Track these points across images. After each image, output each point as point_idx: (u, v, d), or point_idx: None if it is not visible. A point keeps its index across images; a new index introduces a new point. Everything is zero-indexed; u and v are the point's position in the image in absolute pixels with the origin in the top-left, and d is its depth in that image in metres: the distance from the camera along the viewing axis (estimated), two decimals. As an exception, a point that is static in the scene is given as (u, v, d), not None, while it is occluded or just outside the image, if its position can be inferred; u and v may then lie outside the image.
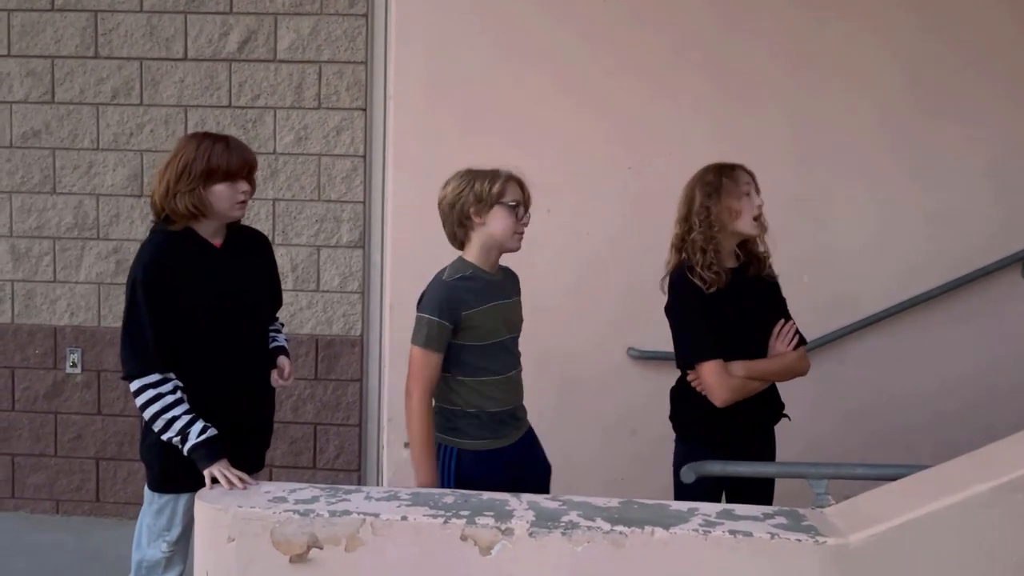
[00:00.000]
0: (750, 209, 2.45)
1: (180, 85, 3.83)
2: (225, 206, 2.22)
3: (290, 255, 3.85)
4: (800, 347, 2.44)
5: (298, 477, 3.90)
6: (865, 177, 3.61)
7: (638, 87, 3.68)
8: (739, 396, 2.38)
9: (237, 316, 2.26)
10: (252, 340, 2.33)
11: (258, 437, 2.42)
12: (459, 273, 2.32)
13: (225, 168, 2.18)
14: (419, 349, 2.26)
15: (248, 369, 2.31)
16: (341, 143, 3.81)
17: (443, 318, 2.24)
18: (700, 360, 2.39)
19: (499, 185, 2.30)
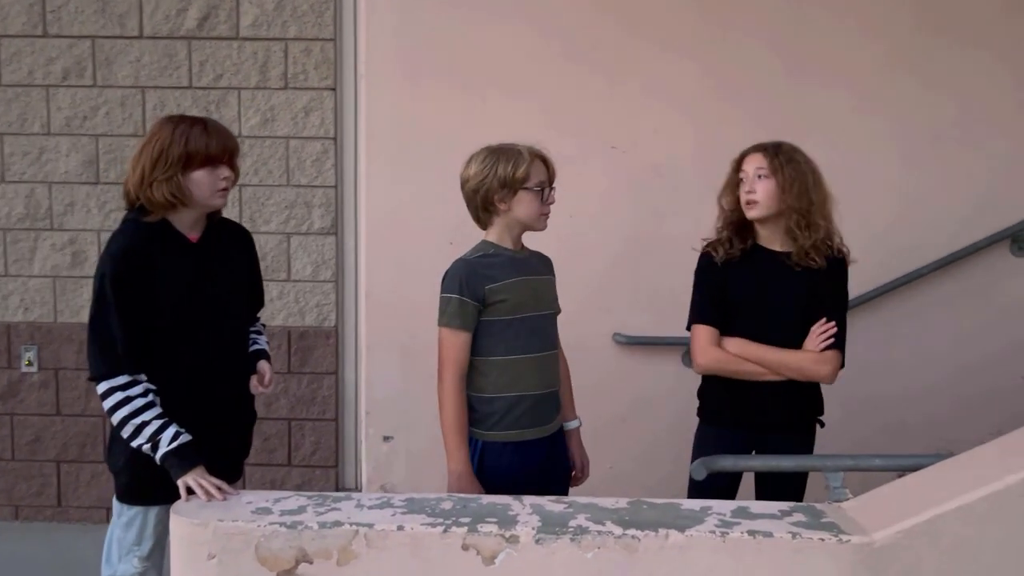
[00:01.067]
0: (742, 194, 2.42)
1: (136, 65, 3.61)
2: (205, 194, 2.05)
3: (259, 243, 3.59)
4: (828, 351, 2.33)
5: (272, 475, 3.75)
6: (865, 152, 3.53)
7: (624, 62, 3.55)
8: (722, 370, 2.39)
9: (214, 316, 2.09)
10: (230, 342, 2.17)
11: (236, 444, 2.26)
12: (480, 252, 2.27)
13: (204, 153, 2.02)
14: (445, 329, 2.20)
15: (226, 372, 2.14)
16: (310, 125, 3.62)
17: (464, 295, 2.18)
18: (693, 322, 2.44)
19: (524, 169, 2.21)
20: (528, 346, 2.25)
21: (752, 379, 2.36)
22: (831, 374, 2.32)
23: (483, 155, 2.23)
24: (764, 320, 2.36)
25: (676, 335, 3.52)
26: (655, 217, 3.57)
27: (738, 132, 3.45)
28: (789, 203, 2.32)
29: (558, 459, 2.37)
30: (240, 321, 2.23)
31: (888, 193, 3.54)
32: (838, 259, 2.40)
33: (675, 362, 3.63)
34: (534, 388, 2.26)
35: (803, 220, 2.32)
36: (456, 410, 2.17)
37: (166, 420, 1.96)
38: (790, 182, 2.32)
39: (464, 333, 2.19)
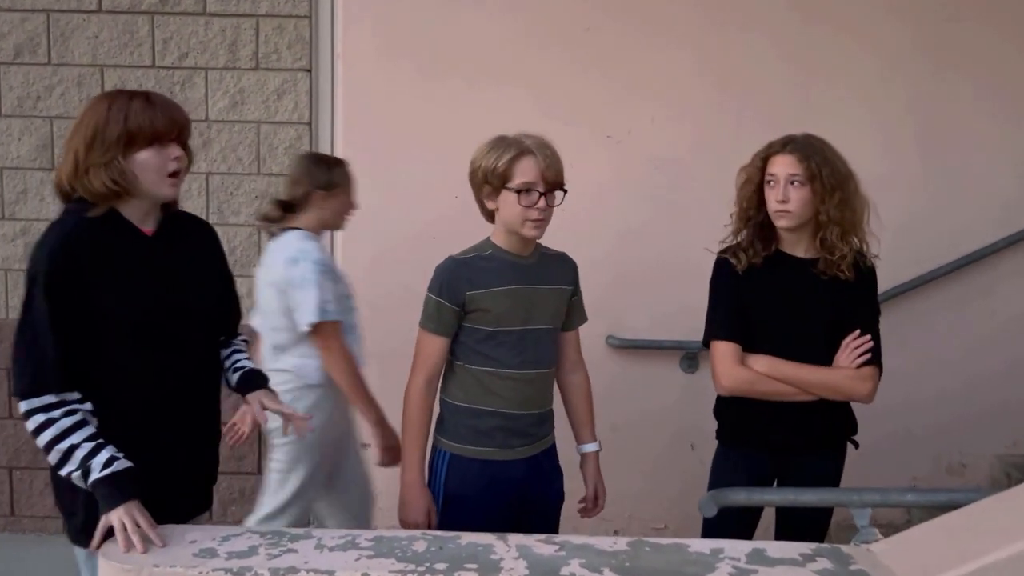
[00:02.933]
0: (771, 200, 2.16)
1: (94, 41, 3.33)
2: (153, 178, 1.75)
3: (227, 236, 3.40)
4: (866, 368, 2.10)
5: (241, 484, 3.50)
6: (869, 146, 3.30)
7: (618, 48, 3.31)
8: (749, 391, 2.15)
9: (175, 321, 1.80)
10: (196, 352, 1.87)
11: (203, 471, 1.97)
12: (476, 252, 2.07)
13: (149, 129, 1.72)
14: (420, 330, 2.08)
15: (190, 388, 1.85)
16: (283, 108, 3.36)
17: (443, 297, 2.03)
18: (712, 338, 2.20)
19: (505, 164, 1.96)
20: (509, 361, 2.04)
21: (781, 400, 2.13)
22: (871, 393, 2.10)
23: (488, 144, 2.04)
24: (790, 335, 2.14)
25: (675, 339, 3.34)
26: (652, 211, 3.34)
27: (741, 121, 3.27)
28: (830, 214, 2.08)
29: (543, 487, 2.16)
30: (209, 331, 1.94)
31: (897, 192, 3.32)
32: (868, 267, 2.17)
33: (674, 368, 3.41)
34: (508, 407, 2.05)
35: (840, 231, 2.09)
36: (418, 416, 2.04)
37: (100, 442, 1.69)
38: (830, 191, 2.07)
39: (439, 338, 2.04)
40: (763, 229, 2.19)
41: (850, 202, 2.09)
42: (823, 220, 2.10)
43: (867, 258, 2.17)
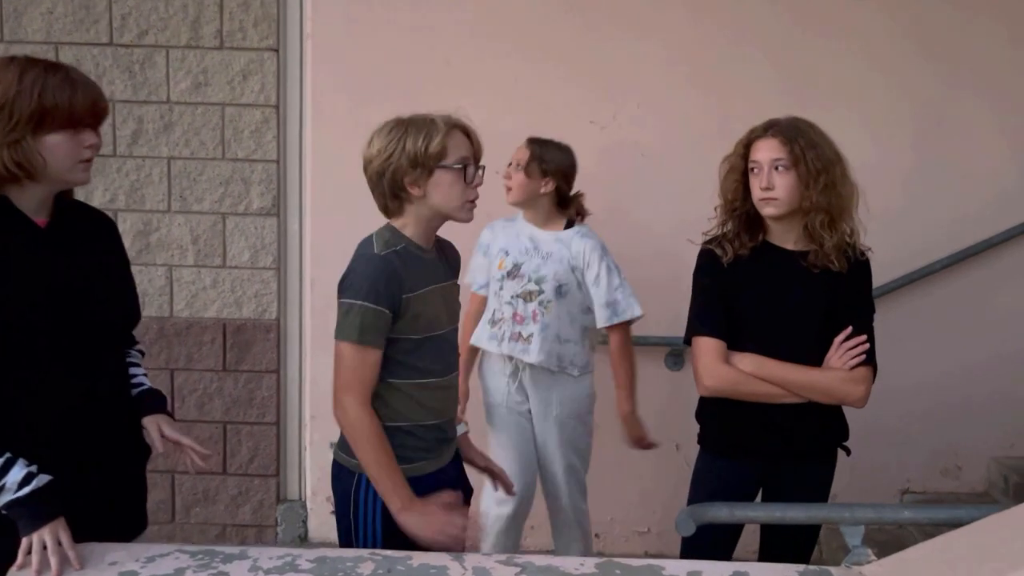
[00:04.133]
0: (755, 188, 2.01)
1: (48, 17, 3.15)
2: (64, 165, 1.57)
3: (190, 224, 3.24)
4: (859, 369, 1.94)
5: (204, 485, 3.34)
6: (866, 135, 3.14)
7: (602, 27, 3.15)
8: (734, 392, 2.00)
9: (75, 323, 1.61)
10: (101, 358, 1.68)
11: (124, 493, 1.76)
12: (391, 247, 1.79)
13: (67, 110, 1.53)
14: (351, 345, 1.73)
15: (99, 395, 1.66)
16: (249, 90, 3.19)
17: (380, 303, 1.72)
18: (694, 334, 2.05)
19: (438, 141, 1.75)
20: (436, 369, 1.84)
21: (768, 402, 1.98)
22: (864, 396, 1.94)
23: (388, 128, 1.78)
24: (777, 332, 1.98)
25: (658, 334, 3.19)
26: (635, 200, 3.19)
27: (728, 108, 3.11)
28: (813, 200, 1.92)
29: (461, 478, 1.98)
30: (109, 332, 1.72)
31: (888, 184, 3.17)
32: (861, 261, 2.01)
33: (659, 365, 3.26)
34: (439, 416, 1.86)
35: (827, 218, 1.93)
36: (379, 438, 1.74)
37: (8, 457, 1.50)
38: (815, 175, 1.92)
39: (376, 351, 1.74)
40: (750, 220, 2.03)
41: (836, 187, 1.93)
42: (806, 206, 1.95)
43: (859, 249, 2.01)
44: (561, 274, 2.62)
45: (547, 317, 2.61)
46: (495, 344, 2.66)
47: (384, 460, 1.73)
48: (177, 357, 3.28)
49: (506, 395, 2.70)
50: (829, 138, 1.98)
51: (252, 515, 3.36)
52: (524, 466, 2.70)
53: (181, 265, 3.25)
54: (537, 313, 2.61)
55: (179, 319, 3.27)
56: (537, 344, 2.61)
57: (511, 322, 2.64)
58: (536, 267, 2.62)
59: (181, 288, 3.26)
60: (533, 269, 2.63)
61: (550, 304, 2.62)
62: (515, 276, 2.64)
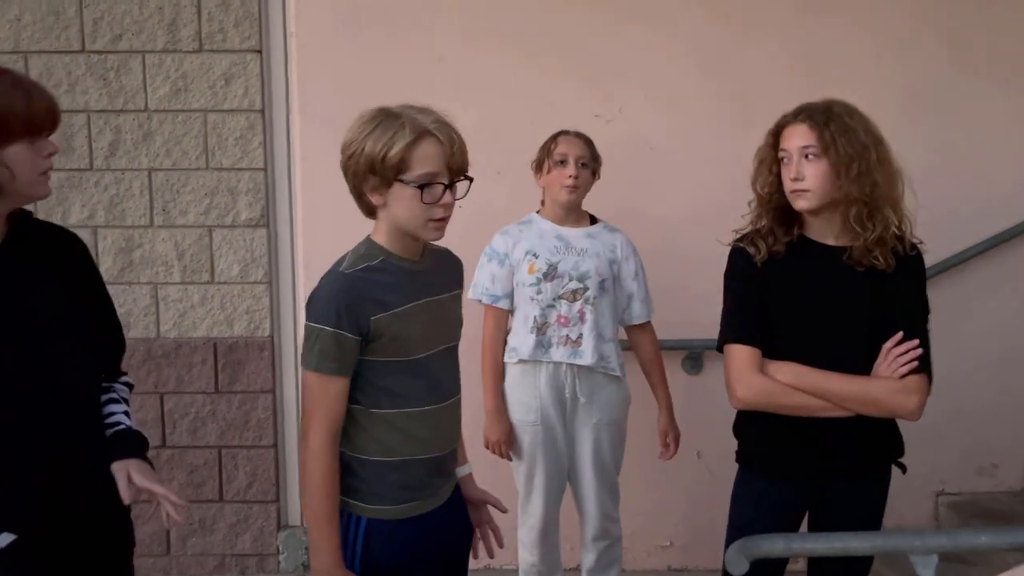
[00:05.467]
0: (786, 179, 1.83)
1: (16, 25, 2.96)
2: (29, 178, 1.43)
3: (174, 239, 3.05)
4: (912, 378, 1.76)
5: (201, 513, 3.16)
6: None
7: (604, 15, 2.98)
8: (769, 405, 1.82)
9: (33, 359, 1.44)
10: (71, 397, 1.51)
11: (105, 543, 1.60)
12: (364, 262, 1.60)
13: (25, 116, 1.39)
14: (312, 374, 1.57)
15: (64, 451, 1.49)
16: (232, 95, 3.00)
17: (342, 327, 1.55)
18: (726, 342, 1.88)
19: (398, 151, 1.52)
20: (423, 395, 1.64)
21: (809, 415, 1.80)
22: (918, 408, 1.76)
23: (362, 120, 1.57)
24: (818, 337, 1.81)
25: (677, 337, 3.02)
26: (645, 196, 3.02)
27: (744, 98, 2.95)
28: (846, 190, 1.75)
29: (457, 522, 1.79)
30: (78, 364, 1.55)
31: (911, 168, 3.01)
32: (911, 256, 1.83)
33: (675, 369, 3.09)
34: (432, 449, 1.67)
35: (865, 210, 1.76)
36: (329, 481, 1.57)
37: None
38: (846, 162, 1.74)
39: (340, 380, 1.56)
40: (785, 214, 1.86)
41: (872, 175, 1.75)
42: (837, 198, 1.78)
43: (909, 243, 1.82)
44: (602, 269, 2.52)
45: (594, 315, 2.50)
46: (542, 353, 2.50)
47: (325, 511, 1.58)
48: (166, 380, 3.10)
49: (539, 410, 2.53)
50: (869, 122, 1.80)
51: (252, 544, 3.18)
52: (557, 481, 2.59)
53: (167, 283, 3.07)
54: (585, 312, 2.50)
55: (167, 340, 3.09)
56: (590, 345, 2.49)
57: (557, 326, 2.49)
58: (574, 264, 2.50)
59: (168, 307, 3.08)
60: (572, 267, 2.50)
61: (596, 301, 2.51)
62: (553, 277, 2.49)
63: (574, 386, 2.53)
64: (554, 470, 2.58)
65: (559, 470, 2.59)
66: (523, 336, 2.53)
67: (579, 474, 2.61)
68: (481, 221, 2.76)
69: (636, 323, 2.63)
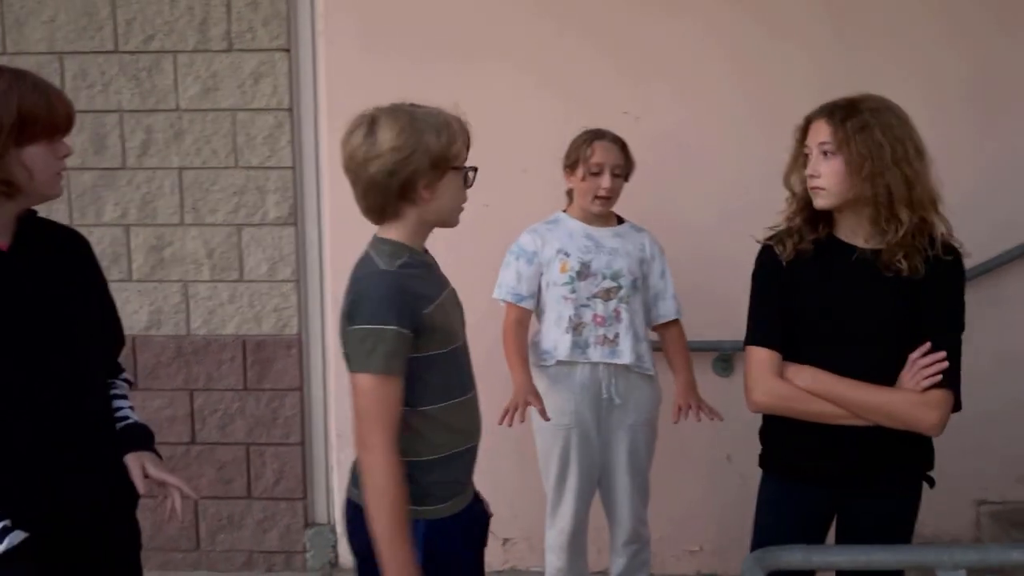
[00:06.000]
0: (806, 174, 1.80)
1: (51, 26, 3.01)
2: (44, 178, 1.45)
3: (203, 237, 3.08)
4: (934, 392, 1.68)
5: (229, 510, 3.19)
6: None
7: (635, 10, 2.93)
8: (784, 409, 1.78)
9: (41, 356, 1.45)
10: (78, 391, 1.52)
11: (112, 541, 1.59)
12: (399, 258, 1.60)
13: (47, 118, 1.42)
14: (374, 377, 1.52)
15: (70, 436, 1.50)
16: (260, 93, 3.02)
17: (403, 324, 1.53)
18: (746, 343, 1.85)
19: (460, 143, 1.61)
20: (461, 385, 1.67)
21: (826, 422, 1.75)
22: (938, 423, 1.68)
23: (399, 121, 1.56)
24: (842, 342, 1.75)
25: (707, 338, 2.96)
26: (674, 194, 2.97)
27: (776, 95, 2.88)
28: (859, 190, 1.70)
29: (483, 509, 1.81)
30: (86, 362, 1.56)
31: (956, 169, 2.90)
32: (945, 260, 1.73)
33: (706, 370, 3.03)
34: (473, 438, 1.70)
35: (884, 212, 1.70)
36: (401, 492, 1.53)
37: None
38: (859, 161, 1.68)
39: (399, 380, 1.54)
40: (816, 212, 1.80)
41: (883, 176, 1.68)
42: (851, 198, 1.73)
43: (943, 247, 1.73)
44: (633, 268, 2.51)
45: (629, 314, 2.48)
46: (579, 353, 2.47)
47: (402, 525, 1.53)
48: (196, 377, 3.13)
49: (574, 412, 2.49)
50: (896, 118, 1.71)
51: (280, 541, 3.20)
52: (588, 484, 2.56)
53: (196, 280, 3.10)
54: (620, 311, 2.48)
55: (196, 337, 3.12)
56: (628, 343, 2.47)
57: (593, 325, 2.46)
58: (607, 263, 2.48)
59: (197, 304, 3.11)
60: (604, 265, 2.48)
61: (629, 299, 2.49)
62: (586, 276, 2.47)
63: (610, 387, 2.49)
64: (586, 473, 2.54)
65: (591, 473, 2.56)
66: (558, 337, 2.49)
67: (612, 478, 2.58)
68: (508, 219, 2.75)
69: (667, 320, 2.60)
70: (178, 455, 3.14)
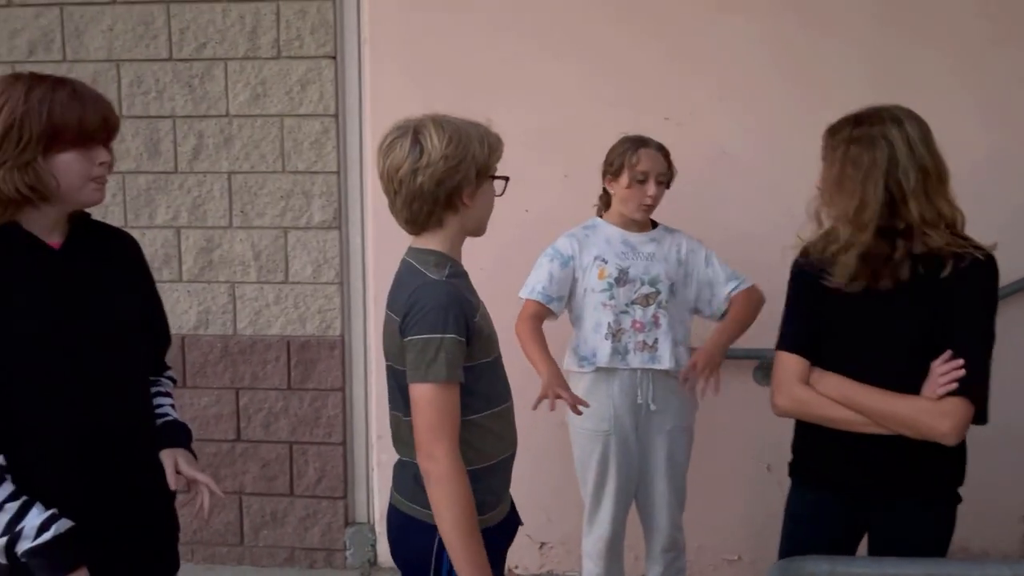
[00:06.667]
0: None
1: (109, 34, 3.12)
2: (75, 185, 1.48)
3: (251, 240, 3.16)
4: (950, 400, 1.65)
5: (273, 506, 3.25)
6: (971, 125, 2.82)
7: (680, 13, 2.92)
8: (803, 414, 1.81)
9: (90, 351, 1.51)
10: (119, 387, 1.57)
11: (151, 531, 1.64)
12: (446, 268, 1.63)
13: (77, 127, 1.44)
14: (435, 386, 1.52)
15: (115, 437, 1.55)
16: (307, 100, 3.08)
17: (460, 332, 1.55)
18: (777, 348, 1.86)
19: (500, 151, 1.68)
20: (503, 392, 1.70)
21: (848, 429, 1.74)
22: (952, 431, 1.64)
23: (446, 131, 1.59)
24: (867, 348, 1.74)
25: (747, 346, 2.92)
26: (717, 202, 2.95)
27: (820, 98, 2.85)
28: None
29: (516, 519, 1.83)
30: (132, 360, 1.62)
31: (1005, 178, 2.84)
32: (971, 265, 1.68)
33: (746, 379, 3.01)
34: (510, 446, 1.73)
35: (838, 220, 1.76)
36: (471, 501, 1.53)
37: (25, 500, 1.41)
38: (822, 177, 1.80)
39: (458, 388, 1.55)
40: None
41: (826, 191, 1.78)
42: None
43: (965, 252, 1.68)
44: (671, 272, 2.51)
45: (668, 319, 2.49)
46: (619, 359, 2.47)
47: (475, 532, 1.52)
48: (242, 376, 3.20)
49: (612, 418, 2.49)
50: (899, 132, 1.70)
51: (320, 538, 3.26)
52: (627, 491, 2.56)
53: (244, 281, 3.18)
54: (659, 317, 2.48)
55: (243, 337, 3.19)
56: (667, 349, 2.48)
57: (632, 331, 2.47)
58: (644, 269, 2.49)
59: (244, 305, 3.19)
60: (642, 271, 2.49)
61: (668, 305, 2.50)
62: (624, 282, 2.48)
63: (648, 393, 2.49)
64: (625, 479, 2.54)
65: (630, 479, 2.55)
66: (597, 343, 2.49)
67: (650, 484, 2.57)
68: (548, 224, 2.76)
69: (742, 290, 2.56)
70: (223, 452, 3.22)
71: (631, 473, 2.55)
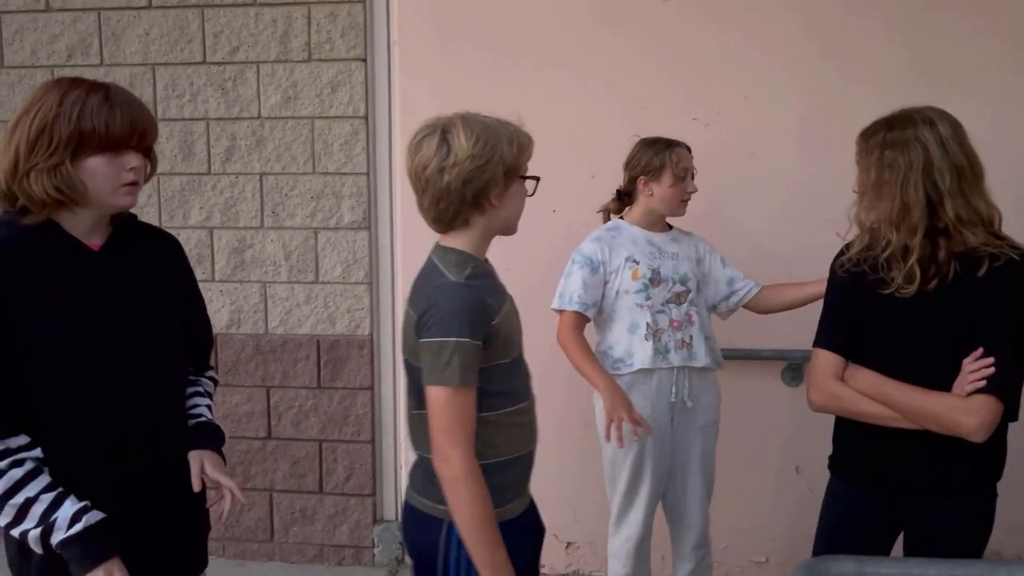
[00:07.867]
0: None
1: (145, 39, 3.18)
2: (104, 190, 1.50)
3: (282, 240, 3.20)
4: (977, 397, 1.65)
5: (302, 503, 3.30)
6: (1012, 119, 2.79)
7: (705, 15, 2.92)
8: (837, 409, 1.83)
9: (127, 351, 1.54)
10: (155, 388, 1.60)
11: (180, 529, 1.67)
12: (468, 268, 1.62)
13: (104, 133, 1.46)
14: (448, 389, 1.53)
15: (148, 435, 1.58)
16: (338, 102, 3.13)
17: (475, 336, 1.56)
18: (814, 344, 1.88)
19: (529, 151, 1.67)
20: (524, 390, 1.71)
21: (881, 424, 1.75)
22: (978, 428, 1.64)
23: (474, 130, 1.59)
24: (904, 345, 1.75)
25: (776, 347, 2.93)
26: (744, 203, 2.95)
27: (851, 98, 2.83)
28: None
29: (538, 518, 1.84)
30: (169, 361, 1.65)
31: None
32: (1006, 266, 1.68)
33: (775, 380, 3.00)
34: (532, 441, 1.74)
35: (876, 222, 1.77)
36: (488, 502, 1.55)
37: (60, 492, 1.44)
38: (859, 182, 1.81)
39: (473, 391, 1.56)
40: None
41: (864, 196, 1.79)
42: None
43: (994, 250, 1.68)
44: (695, 270, 2.55)
45: (699, 316, 2.52)
46: (660, 359, 2.47)
47: (493, 530, 1.54)
48: (273, 374, 3.25)
49: (650, 418, 2.46)
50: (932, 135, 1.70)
51: (349, 535, 3.30)
52: (659, 490, 2.56)
53: (275, 281, 3.23)
54: (692, 314, 2.51)
55: (274, 336, 3.24)
56: (702, 346, 2.50)
57: (671, 331, 2.49)
58: (673, 268, 2.51)
59: (275, 305, 3.24)
60: (671, 271, 2.51)
61: (696, 301, 2.53)
62: (658, 282, 2.49)
63: (684, 390, 2.49)
64: (658, 479, 2.54)
65: (662, 478, 2.55)
66: (636, 345, 2.47)
67: (684, 481, 2.57)
68: (575, 224, 2.78)
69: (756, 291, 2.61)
70: (255, 449, 3.27)
71: (664, 472, 2.55)
